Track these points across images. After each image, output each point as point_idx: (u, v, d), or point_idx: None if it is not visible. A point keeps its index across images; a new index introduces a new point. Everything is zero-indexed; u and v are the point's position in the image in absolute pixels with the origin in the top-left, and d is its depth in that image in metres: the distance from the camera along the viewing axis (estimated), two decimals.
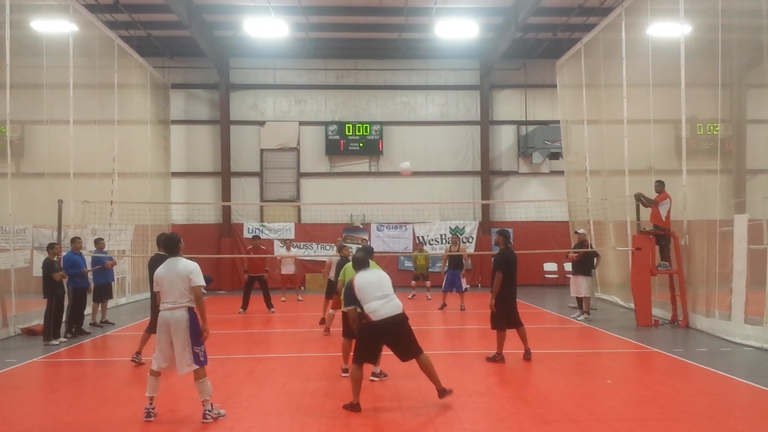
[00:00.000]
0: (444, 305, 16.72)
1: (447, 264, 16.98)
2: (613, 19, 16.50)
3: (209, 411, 6.85)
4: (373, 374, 8.71)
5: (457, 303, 16.80)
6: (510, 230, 10.45)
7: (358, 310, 7.53)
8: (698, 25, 13.82)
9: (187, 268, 6.98)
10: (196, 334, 6.91)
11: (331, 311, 12.84)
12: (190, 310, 6.92)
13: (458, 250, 17.04)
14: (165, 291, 6.98)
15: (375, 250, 21.14)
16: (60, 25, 15.28)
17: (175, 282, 6.93)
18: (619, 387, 8.56)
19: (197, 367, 6.87)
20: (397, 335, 7.41)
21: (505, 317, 9.88)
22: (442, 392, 7.43)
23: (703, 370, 9.33)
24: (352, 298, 7.56)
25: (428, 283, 19.50)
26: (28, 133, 16.24)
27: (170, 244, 7.29)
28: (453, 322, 15.08)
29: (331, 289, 13.78)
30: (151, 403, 7.00)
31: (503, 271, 9.85)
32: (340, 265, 12.51)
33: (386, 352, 7.84)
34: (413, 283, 19.94)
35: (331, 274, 14.07)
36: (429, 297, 19.17)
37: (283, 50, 23.26)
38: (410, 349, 7.46)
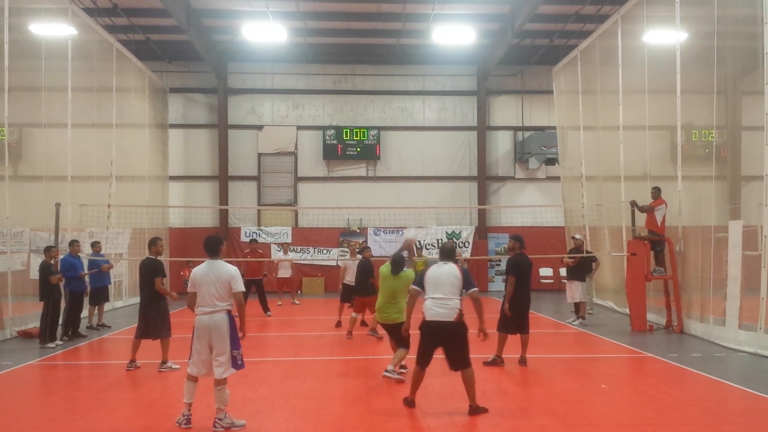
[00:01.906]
0: None
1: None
2: (609, 26, 16.59)
3: (221, 420, 6.71)
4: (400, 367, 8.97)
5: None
6: (521, 236, 10.51)
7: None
8: (694, 33, 13.91)
9: (228, 273, 6.87)
10: (235, 337, 6.87)
11: (353, 314, 12.95)
12: (229, 313, 6.85)
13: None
14: (202, 294, 6.83)
15: (373, 255, 21.10)
16: (59, 28, 15.31)
17: (214, 286, 6.81)
18: (613, 392, 8.60)
19: (234, 371, 6.82)
20: (446, 341, 7.30)
21: (514, 321, 9.93)
22: (475, 409, 7.25)
23: (697, 376, 9.37)
24: (419, 282, 7.64)
25: None
26: (26, 135, 16.25)
27: (211, 246, 7.08)
28: None
29: (348, 293, 13.97)
30: (188, 410, 6.80)
31: (515, 276, 9.96)
32: (362, 268, 12.79)
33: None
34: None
35: (348, 278, 14.26)
36: None
37: (281, 55, 23.33)
38: (457, 360, 7.31)
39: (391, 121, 24.42)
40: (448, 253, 7.79)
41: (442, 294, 7.31)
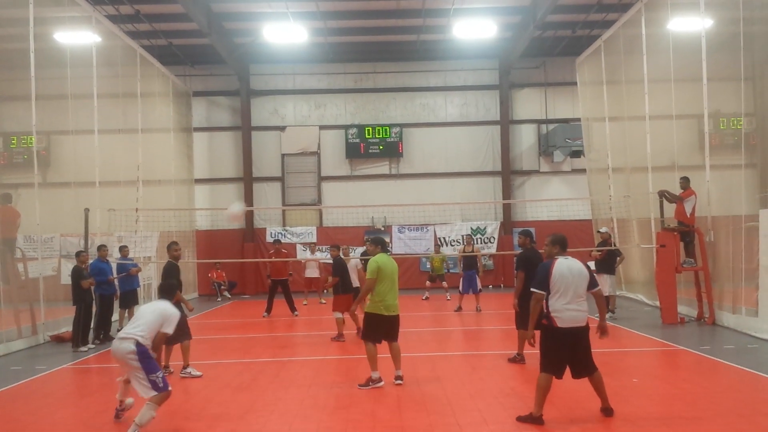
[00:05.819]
0: (459, 308, 16.62)
1: (462, 265, 16.91)
2: (632, 14, 16.38)
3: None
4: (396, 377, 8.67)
5: (472, 304, 16.71)
6: (532, 230, 10.46)
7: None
8: (719, 19, 13.68)
9: (165, 313, 6.96)
10: (148, 363, 6.66)
11: (337, 314, 12.62)
12: (138, 342, 6.66)
13: (472, 251, 16.96)
14: (134, 317, 7.10)
15: (396, 252, 21.26)
16: (83, 36, 15.52)
17: (143, 316, 6.94)
18: (645, 385, 8.50)
19: (155, 393, 6.58)
20: (578, 347, 6.79)
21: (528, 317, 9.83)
22: (608, 410, 6.91)
23: (730, 367, 9.22)
24: (542, 282, 6.79)
25: (445, 284, 19.52)
26: (54, 143, 16.51)
27: (165, 289, 7.55)
28: (472, 323, 15.05)
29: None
30: (120, 405, 7.06)
31: (525, 271, 9.81)
32: (336, 266, 12.80)
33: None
34: (428, 284, 19.96)
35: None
36: (448, 297, 19.12)
37: (302, 55, 23.40)
38: (586, 365, 6.86)
39: (413, 118, 24.37)
40: (564, 243, 7.05)
41: (575, 295, 6.77)
